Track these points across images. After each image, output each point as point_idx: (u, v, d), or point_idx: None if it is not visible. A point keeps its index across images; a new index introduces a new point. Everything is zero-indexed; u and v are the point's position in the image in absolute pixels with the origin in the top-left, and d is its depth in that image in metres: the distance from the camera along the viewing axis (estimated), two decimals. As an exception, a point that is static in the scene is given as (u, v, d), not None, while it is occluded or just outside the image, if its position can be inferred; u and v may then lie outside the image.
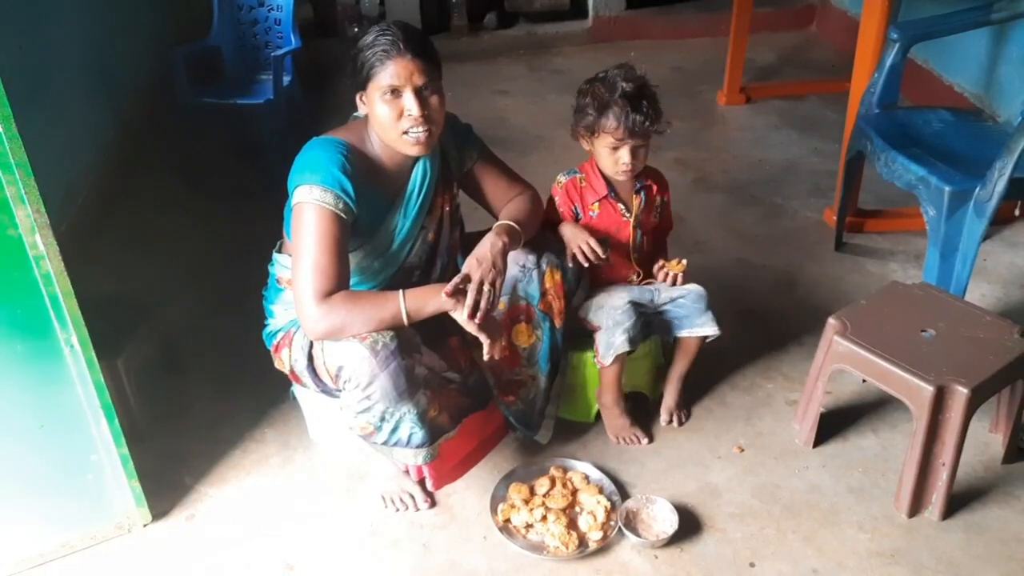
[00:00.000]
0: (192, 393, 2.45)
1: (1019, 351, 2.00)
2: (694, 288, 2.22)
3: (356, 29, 4.84)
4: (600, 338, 2.16)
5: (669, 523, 2.00)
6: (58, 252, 1.67)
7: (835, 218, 3.12)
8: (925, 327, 2.08)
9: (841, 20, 4.82)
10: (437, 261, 2.09)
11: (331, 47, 4.68)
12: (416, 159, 1.94)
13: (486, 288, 1.84)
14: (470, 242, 2.18)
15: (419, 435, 1.91)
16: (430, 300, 1.80)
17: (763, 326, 2.70)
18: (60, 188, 2.85)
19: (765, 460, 2.22)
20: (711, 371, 2.47)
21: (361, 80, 1.83)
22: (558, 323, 2.09)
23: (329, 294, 1.77)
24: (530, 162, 3.47)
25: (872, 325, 2.10)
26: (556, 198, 2.20)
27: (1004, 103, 3.52)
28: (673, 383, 2.33)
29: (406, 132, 1.83)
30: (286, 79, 3.54)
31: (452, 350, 2.09)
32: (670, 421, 2.32)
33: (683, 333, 2.23)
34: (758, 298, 2.84)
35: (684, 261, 2.22)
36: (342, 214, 1.80)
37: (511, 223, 1.98)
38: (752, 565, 1.94)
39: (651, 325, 2.23)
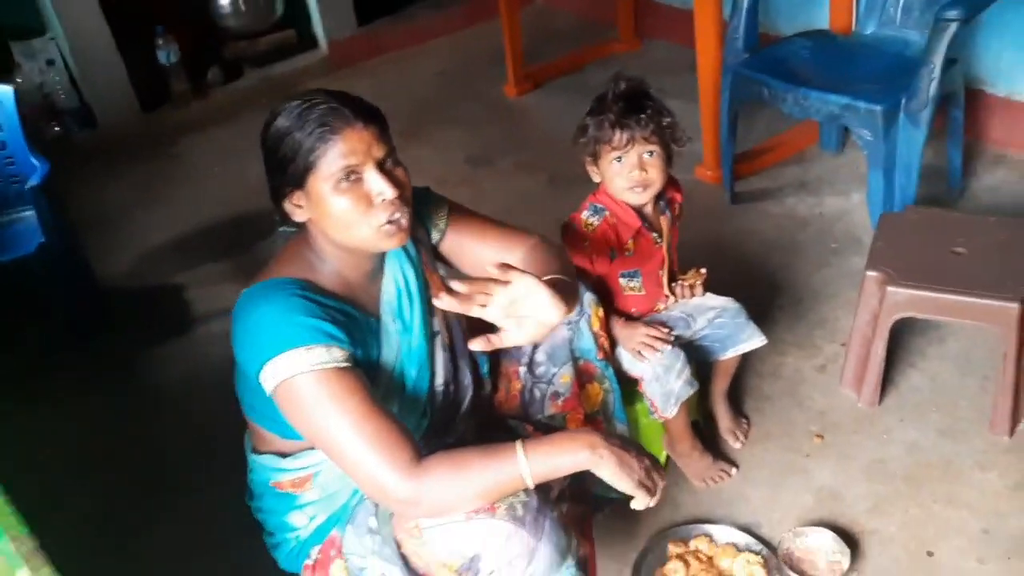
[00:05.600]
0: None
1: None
2: (729, 303, 1.97)
3: (57, 128, 3.95)
4: (651, 389, 1.85)
5: (831, 550, 1.77)
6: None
7: (710, 173, 3.05)
8: (953, 248, 2.02)
9: (565, -15, 4.78)
10: (460, 363, 1.63)
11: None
12: (383, 256, 1.48)
13: None
14: (479, 324, 1.74)
15: None
16: (564, 454, 1.31)
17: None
18: None
19: (848, 437, 2.06)
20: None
21: (295, 175, 1.33)
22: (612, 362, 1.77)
23: (411, 459, 1.29)
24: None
25: (908, 263, 2.00)
26: (586, 243, 1.83)
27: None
28: (721, 403, 2.09)
29: (385, 223, 1.36)
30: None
31: None
32: (736, 439, 2.08)
33: (727, 354, 1.98)
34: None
35: (703, 270, 1.97)
36: (346, 363, 1.32)
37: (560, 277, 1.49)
38: (930, 554, 1.78)
39: (689, 354, 1.94)
